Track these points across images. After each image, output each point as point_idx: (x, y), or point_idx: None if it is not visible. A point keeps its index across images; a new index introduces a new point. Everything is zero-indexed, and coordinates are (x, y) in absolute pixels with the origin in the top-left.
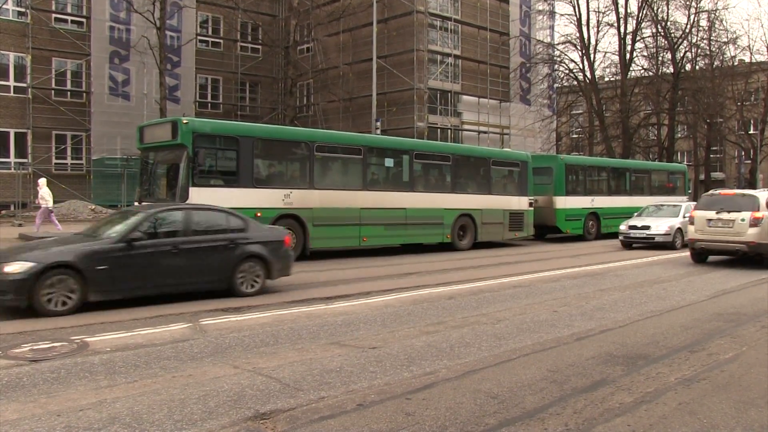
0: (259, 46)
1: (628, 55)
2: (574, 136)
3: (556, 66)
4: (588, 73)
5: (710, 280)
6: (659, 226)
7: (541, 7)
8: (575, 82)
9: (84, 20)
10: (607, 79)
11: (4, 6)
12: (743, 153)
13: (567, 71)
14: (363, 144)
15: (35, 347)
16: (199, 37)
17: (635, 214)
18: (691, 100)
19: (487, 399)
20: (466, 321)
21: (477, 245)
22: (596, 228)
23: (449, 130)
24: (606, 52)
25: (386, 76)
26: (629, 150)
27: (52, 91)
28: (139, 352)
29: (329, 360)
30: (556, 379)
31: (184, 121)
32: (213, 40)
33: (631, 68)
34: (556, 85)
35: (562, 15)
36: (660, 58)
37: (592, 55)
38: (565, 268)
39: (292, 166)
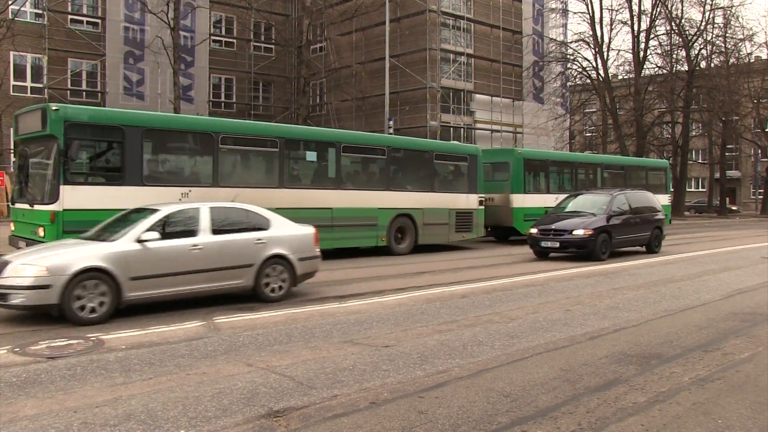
0: (272, 46)
1: (641, 53)
2: (588, 134)
3: (569, 64)
4: (601, 72)
5: (725, 279)
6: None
7: (554, 5)
8: (588, 81)
9: (99, 21)
10: (620, 77)
11: (22, 8)
12: (759, 151)
13: (580, 69)
14: (279, 135)
15: (52, 344)
16: (212, 37)
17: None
18: (706, 98)
19: (499, 397)
20: (479, 319)
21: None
22: None
23: (462, 129)
24: (619, 50)
25: (399, 75)
26: (643, 148)
27: (68, 92)
28: (154, 350)
29: (342, 358)
30: (569, 378)
31: (54, 108)
32: (226, 40)
33: (644, 66)
34: (569, 84)
35: (575, 13)
36: (674, 56)
37: (605, 53)
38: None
39: (192, 161)
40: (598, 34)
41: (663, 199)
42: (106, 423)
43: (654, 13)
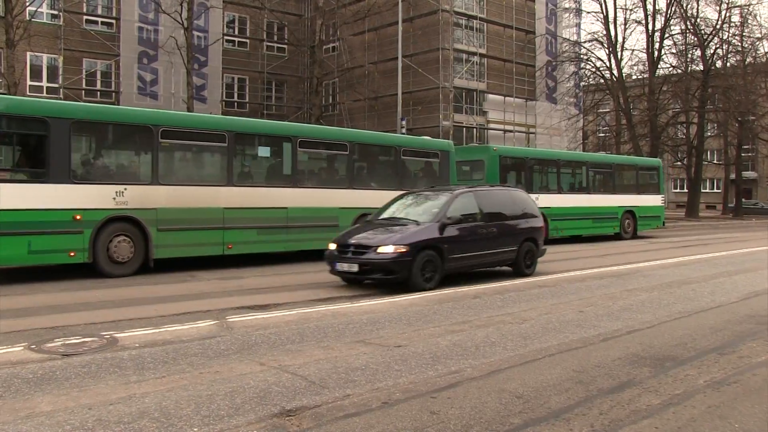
0: (285, 46)
1: (656, 53)
2: (601, 134)
3: (582, 64)
4: (615, 71)
5: (741, 281)
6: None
7: (567, 5)
8: (602, 81)
9: (113, 21)
10: (634, 77)
11: (39, 9)
12: None
13: (593, 69)
14: (227, 129)
15: (67, 342)
16: (225, 37)
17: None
18: (721, 98)
19: (512, 398)
20: (492, 320)
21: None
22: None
23: (475, 129)
24: (633, 50)
25: (411, 75)
26: (657, 149)
27: (83, 91)
28: (167, 349)
29: (354, 358)
30: (581, 380)
31: None
32: (239, 39)
33: (659, 66)
34: (582, 84)
35: (588, 12)
36: (689, 56)
37: (619, 53)
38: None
39: (127, 156)
40: (612, 33)
41: (656, 200)
42: (120, 420)
43: (669, 12)
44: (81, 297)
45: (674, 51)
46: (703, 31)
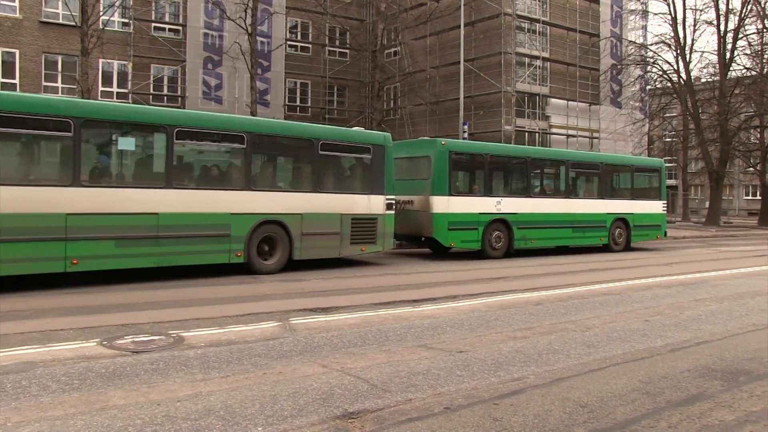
0: (347, 50)
1: (728, 54)
2: (668, 139)
3: (648, 67)
4: (683, 74)
5: None
6: None
7: (633, 7)
8: (669, 84)
9: (180, 28)
10: (703, 80)
11: (111, 18)
12: None
13: (660, 72)
14: (73, 114)
15: (136, 339)
16: (288, 42)
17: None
18: None
19: (576, 407)
20: (554, 327)
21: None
22: (506, 241)
23: (537, 134)
24: (703, 52)
25: (473, 79)
26: (727, 154)
27: (150, 96)
28: (232, 348)
29: (416, 362)
30: (648, 391)
31: None
32: (302, 44)
33: (731, 68)
34: (648, 87)
35: (655, 14)
36: (766, 57)
37: (687, 55)
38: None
39: None
40: (681, 35)
41: (656, 207)
42: (188, 417)
43: (744, 11)
44: (149, 296)
45: (748, 52)
46: None
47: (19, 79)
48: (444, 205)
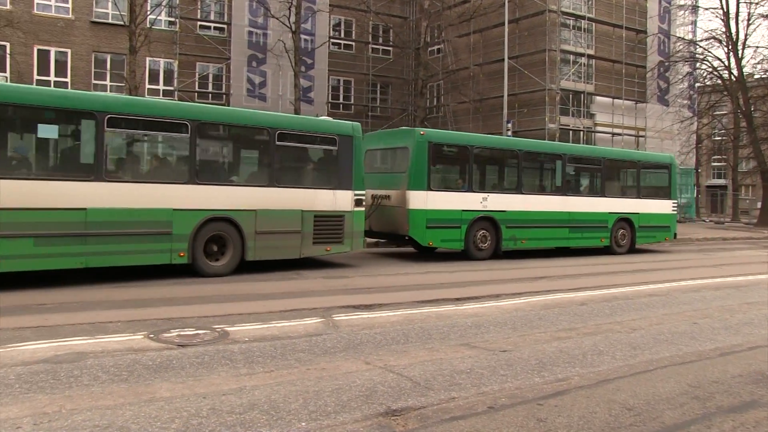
0: (390, 48)
1: None
2: (717, 138)
3: (698, 64)
4: (734, 71)
5: None
6: None
7: (682, 2)
8: (719, 81)
9: (225, 26)
10: (757, 76)
11: (158, 17)
12: None
13: (710, 69)
14: None
15: (182, 333)
16: (331, 40)
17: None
18: None
19: (622, 410)
20: (599, 328)
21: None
22: (493, 241)
23: (582, 132)
24: (757, 47)
25: (517, 77)
26: None
27: (196, 94)
28: (275, 344)
29: (459, 361)
30: (698, 395)
31: None
32: (345, 42)
33: None
34: (697, 85)
35: (706, 9)
36: None
37: (740, 51)
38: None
39: None
40: (733, 30)
41: (665, 206)
42: (232, 411)
43: None
44: (193, 291)
45: None
46: None
47: (71, 77)
48: (422, 200)
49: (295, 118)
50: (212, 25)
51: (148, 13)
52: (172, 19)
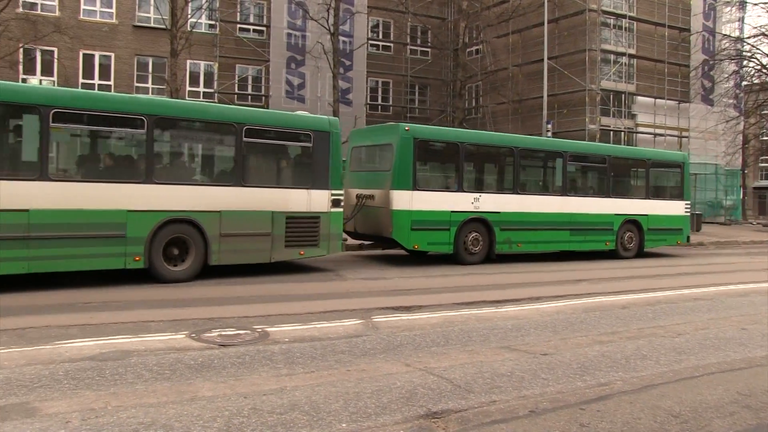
0: (429, 49)
1: None
2: (765, 138)
3: (745, 62)
4: None
5: None
6: None
7: None
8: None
9: (264, 29)
10: None
11: (198, 20)
12: None
13: (758, 67)
14: None
15: (223, 333)
16: (370, 42)
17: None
18: None
19: (667, 417)
20: (642, 332)
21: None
22: (485, 243)
23: (622, 133)
24: None
25: (556, 77)
26: None
27: (235, 96)
28: (315, 345)
29: (500, 364)
30: (749, 405)
31: None
32: (383, 44)
33: None
34: (744, 83)
35: (755, 5)
36: None
37: None
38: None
39: None
40: None
41: (677, 208)
42: (273, 410)
43: None
44: (233, 291)
45: None
46: None
47: (114, 80)
48: (406, 200)
49: (264, 112)
50: (251, 27)
51: (189, 16)
52: (212, 22)
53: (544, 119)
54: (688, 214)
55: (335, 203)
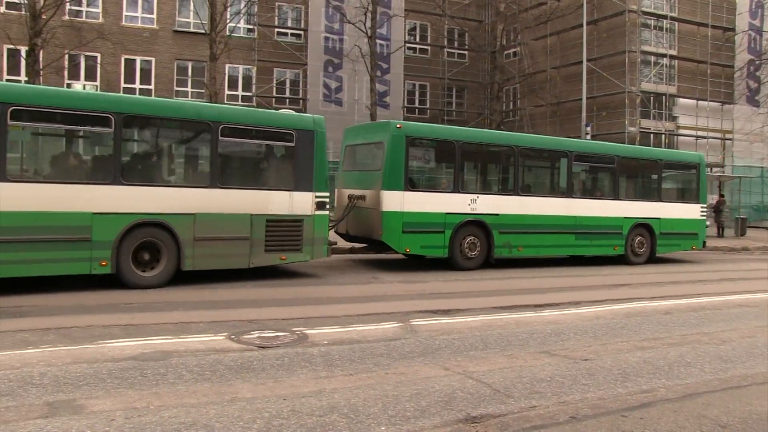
0: (466, 52)
1: None
2: None
3: None
4: None
5: None
6: None
7: None
8: None
9: (302, 33)
10: None
11: (237, 25)
12: None
13: None
14: None
15: (262, 335)
16: (407, 45)
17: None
18: None
19: (714, 427)
20: (685, 339)
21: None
22: (483, 248)
23: (663, 136)
24: None
25: (595, 80)
26: None
27: (273, 99)
28: (354, 347)
29: (539, 369)
30: None
31: None
32: (420, 46)
33: None
34: None
35: None
36: None
37: None
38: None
39: None
40: None
41: (692, 211)
42: (312, 413)
43: None
44: (272, 293)
45: None
46: None
47: (154, 85)
48: (397, 201)
49: (242, 110)
50: (289, 31)
51: (228, 21)
52: (251, 27)
53: (583, 122)
54: (704, 217)
55: (320, 206)
